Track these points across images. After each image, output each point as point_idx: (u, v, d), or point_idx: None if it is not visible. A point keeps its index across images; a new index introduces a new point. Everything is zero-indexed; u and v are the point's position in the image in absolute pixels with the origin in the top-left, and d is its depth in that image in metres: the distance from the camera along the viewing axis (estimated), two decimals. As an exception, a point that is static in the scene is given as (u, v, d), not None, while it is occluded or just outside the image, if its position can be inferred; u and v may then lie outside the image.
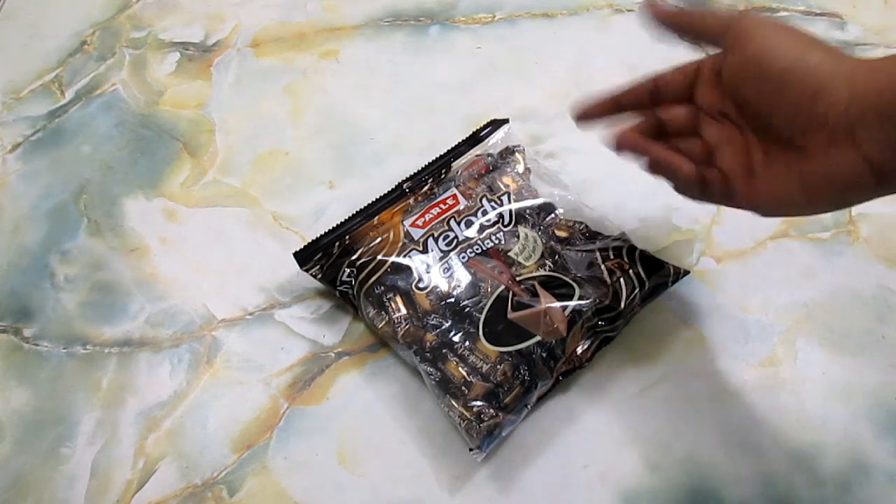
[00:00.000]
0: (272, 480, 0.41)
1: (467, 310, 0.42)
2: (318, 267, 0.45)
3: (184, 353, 0.46)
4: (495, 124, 0.51)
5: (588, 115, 0.42)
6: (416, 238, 0.45)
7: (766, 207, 0.35)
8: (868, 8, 0.63)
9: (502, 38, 0.62)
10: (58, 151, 0.56)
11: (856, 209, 0.51)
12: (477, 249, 0.44)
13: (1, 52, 0.62)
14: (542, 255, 0.44)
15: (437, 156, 0.49)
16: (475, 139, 0.50)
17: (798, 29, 0.33)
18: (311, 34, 0.62)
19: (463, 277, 0.43)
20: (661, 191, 0.52)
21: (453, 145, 0.50)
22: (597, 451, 0.41)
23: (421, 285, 0.43)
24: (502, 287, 0.42)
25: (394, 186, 0.48)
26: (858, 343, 0.45)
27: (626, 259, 0.44)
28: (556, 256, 0.44)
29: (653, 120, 0.40)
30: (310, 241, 0.46)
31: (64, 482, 0.41)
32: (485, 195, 0.47)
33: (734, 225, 0.50)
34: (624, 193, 0.52)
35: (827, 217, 0.50)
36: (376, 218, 0.46)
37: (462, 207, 0.46)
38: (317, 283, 0.47)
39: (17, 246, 0.51)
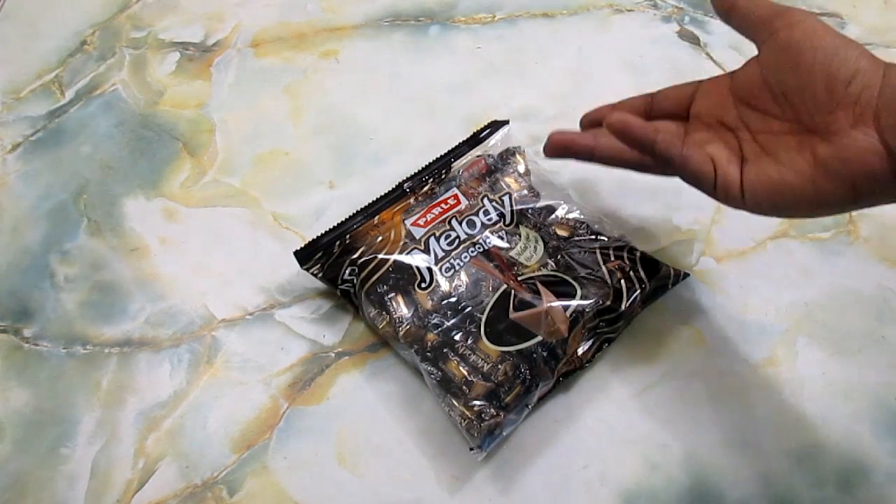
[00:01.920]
0: (272, 480, 0.41)
1: (469, 309, 0.42)
2: (318, 266, 0.45)
3: (184, 353, 0.46)
4: (495, 125, 0.51)
5: (589, 124, 0.43)
6: (417, 237, 0.45)
7: (758, 194, 0.34)
8: (868, 8, 0.63)
9: (502, 38, 0.62)
10: (58, 151, 0.56)
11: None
12: (479, 249, 0.44)
13: (1, 52, 0.62)
14: (544, 256, 0.44)
15: (438, 156, 0.49)
16: (475, 140, 0.50)
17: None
18: (311, 34, 0.62)
19: (464, 277, 0.43)
20: (661, 191, 0.52)
21: (454, 146, 0.50)
22: (597, 451, 0.41)
23: (423, 285, 0.43)
24: (504, 287, 0.42)
25: (394, 186, 0.48)
26: (858, 343, 0.45)
27: (626, 260, 0.44)
28: (558, 257, 0.44)
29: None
30: (310, 240, 0.46)
31: (64, 482, 0.41)
32: (486, 195, 0.47)
33: (734, 225, 0.50)
34: (624, 193, 0.52)
35: (827, 217, 0.50)
36: (377, 217, 0.46)
37: (463, 207, 0.46)
38: (317, 284, 0.47)
39: (17, 246, 0.51)
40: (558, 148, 0.42)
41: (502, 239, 0.45)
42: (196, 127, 0.57)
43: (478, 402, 0.39)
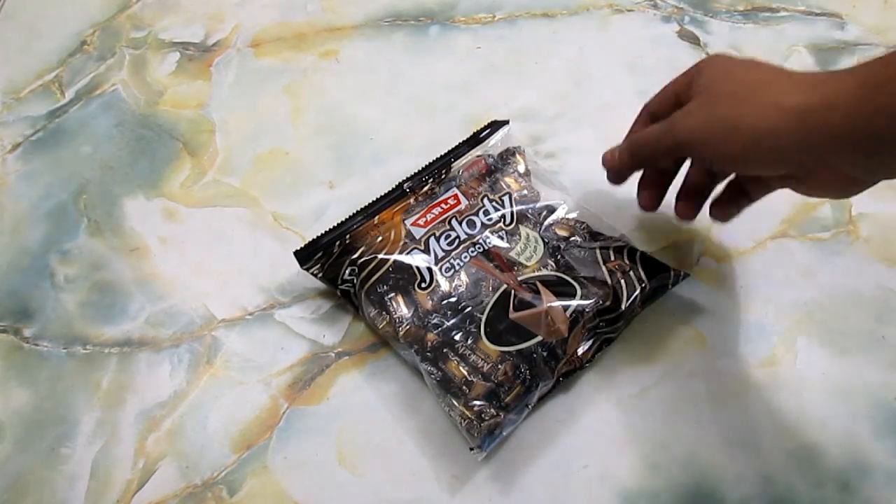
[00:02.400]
0: (272, 480, 0.41)
1: (469, 309, 0.42)
2: (318, 266, 0.45)
3: (184, 353, 0.46)
4: (495, 125, 0.51)
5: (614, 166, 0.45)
6: (417, 237, 0.45)
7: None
8: (868, 8, 0.63)
9: (502, 38, 0.62)
10: (58, 151, 0.56)
11: (856, 209, 0.51)
12: (479, 249, 0.44)
13: (1, 52, 0.62)
14: (544, 256, 0.44)
15: (438, 156, 0.49)
16: (475, 140, 0.50)
17: (728, 75, 0.36)
18: (311, 34, 0.62)
19: (464, 277, 0.43)
20: (661, 191, 0.52)
21: (453, 146, 0.50)
22: (597, 451, 0.41)
23: (423, 285, 0.43)
24: (504, 287, 0.42)
25: (394, 186, 0.48)
26: (858, 343, 0.45)
27: (626, 260, 0.44)
28: (558, 256, 0.44)
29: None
30: (310, 240, 0.46)
31: (64, 482, 0.41)
32: (486, 195, 0.47)
33: (734, 225, 0.50)
34: (624, 193, 0.51)
35: (827, 217, 0.50)
36: (377, 217, 0.46)
37: (463, 207, 0.46)
38: (317, 284, 0.47)
39: (17, 246, 0.51)
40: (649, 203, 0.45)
41: (502, 239, 0.45)
42: (196, 127, 0.57)
43: (478, 402, 0.39)
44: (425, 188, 0.48)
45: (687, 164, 0.44)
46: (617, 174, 0.44)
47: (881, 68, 0.30)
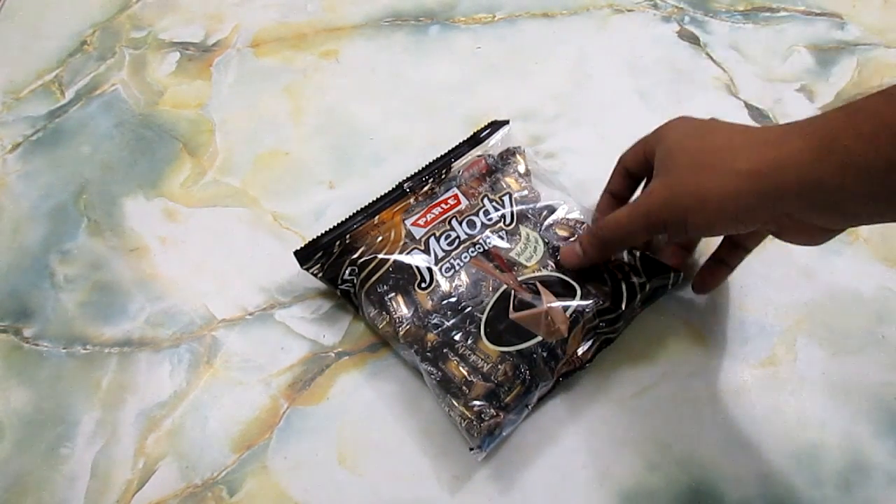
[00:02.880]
0: (272, 480, 0.41)
1: (468, 309, 0.42)
2: (318, 266, 0.45)
3: (184, 353, 0.46)
4: (495, 125, 0.51)
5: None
6: (417, 237, 0.45)
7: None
8: (868, 8, 0.63)
9: (502, 38, 0.62)
10: (58, 151, 0.56)
11: (856, 209, 0.51)
12: (479, 249, 0.44)
13: (1, 52, 0.62)
14: (544, 256, 0.44)
15: (438, 156, 0.49)
16: (475, 140, 0.50)
17: (684, 146, 0.37)
18: (311, 34, 0.62)
19: (464, 277, 0.43)
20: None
21: (454, 146, 0.50)
22: (597, 451, 0.41)
23: (423, 285, 0.43)
24: (504, 287, 0.42)
25: (394, 186, 0.48)
26: (858, 343, 0.45)
27: (626, 261, 0.44)
28: (558, 257, 0.44)
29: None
30: (310, 240, 0.46)
31: (64, 482, 0.41)
32: (486, 195, 0.47)
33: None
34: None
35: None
36: (377, 217, 0.46)
37: (464, 207, 0.46)
38: (317, 284, 0.47)
39: (17, 246, 0.51)
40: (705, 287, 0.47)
41: (502, 239, 0.45)
42: (196, 127, 0.57)
43: (478, 403, 0.39)
44: (425, 188, 0.48)
45: None
46: (584, 266, 0.43)
47: (830, 126, 0.31)
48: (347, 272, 0.44)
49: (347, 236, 0.46)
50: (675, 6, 0.63)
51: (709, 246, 0.47)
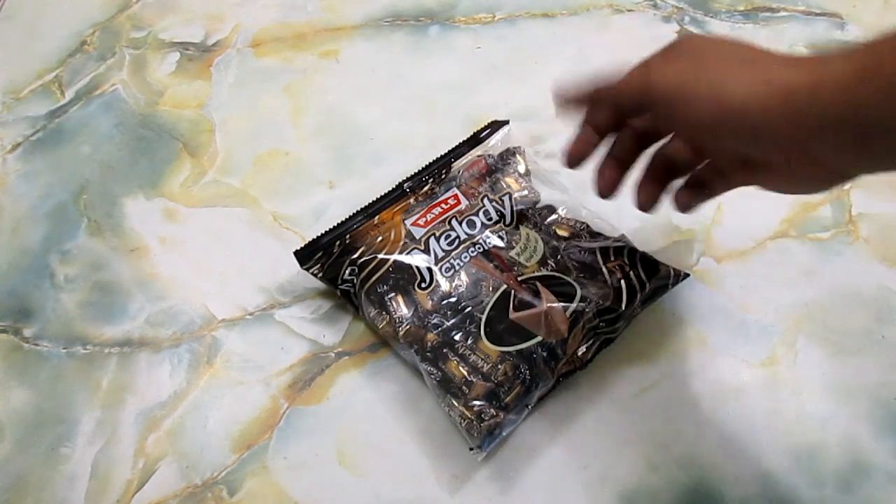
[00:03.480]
0: (272, 480, 0.41)
1: (468, 309, 0.42)
2: (318, 266, 0.45)
3: (184, 353, 0.46)
4: (495, 125, 0.51)
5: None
6: (417, 237, 0.45)
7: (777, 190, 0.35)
8: (868, 8, 0.63)
9: (502, 38, 0.62)
10: (58, 151, 0.56)
11: (856, 209, 0.51)
12: (479, 249, 0.44)
13: (1, 52, 0.62)
14: (544, 256, 0.44)
15: (438, 156, 0.49)
16: (475, 140, 0.50)
17: (716, 47, 0.33)
18: (311, 34, 0.62)
19: (464, 277, 0.43)
20: (661, 191, 0.52)
21: (454, 146, 0.50)
22: (597, 451, 0.41)
23: (423, 285, 0.43)
24: (504, 287, 0.42)
25: (394, 186, 0.48)
26: (858, 343, 0.45)
27: (626, 261, 0.44)
28: (558, 257, 0.44)
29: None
30: (310, 239, 0.46)
31: (64, 482, 0.41)
32: (486, 195, 0.47)
33: (734, 225, 0.50)
34: (624, 193, 0.51)
35: (827, 217, 0.50)
36: (377, 217, 0.46)
37: (464, 207, 0.46)
38: (317, 284, 0.47)
39: (17, 246, 0.51)
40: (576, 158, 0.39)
41: (502, 239, 0.45)
42: (196, 127, 0.57)
43: (477, 403, 0.39)
44: (425, 188, 0.48)
45: (650, 150, 0.40)
46: (565, 106, 0.38)
47: (877, 52, 0.28)
48: (347, 272, 0.44)
49: (347, 236, 0.46)
50: (675, 6, 0.63)
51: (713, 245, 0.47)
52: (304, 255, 0.45)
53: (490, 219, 0.46)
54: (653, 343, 0.45)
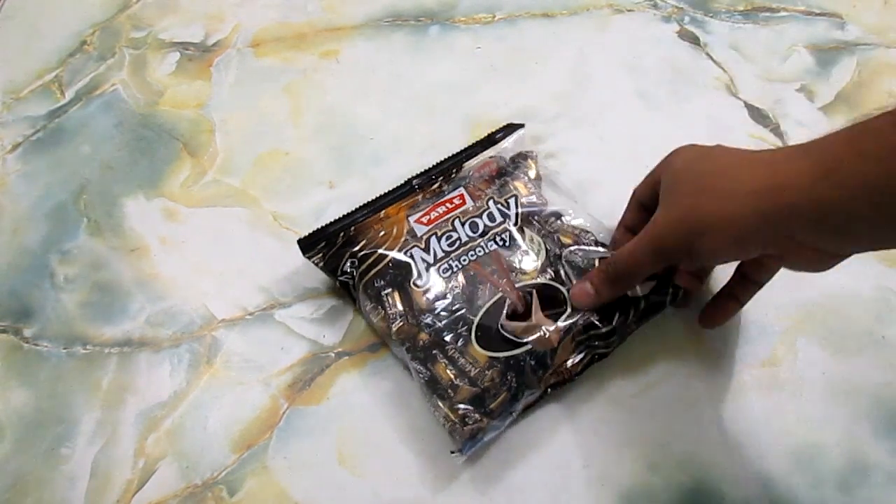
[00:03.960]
0: (272, 480, 0.41)
1: (462, 312, 0.42)
2: (320, 255, 0.45)
3: (184, 353, 0.46)
4: (510, 128, 0.51)
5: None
6: (419, 235, 0.45)
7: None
8: (868, 8, 0.63)
9: (502, 38, 0.62)
10: (58, 151, 0.56)
11: (856, 209, 0.51)
12: (478, 253, 0.44)
13: (1, 52, 0.62)
14: (544, 263, 0.44)
15: (450, 154, 0.49)
16: (490, 141, 0.50)
17: (689, 173, 0.37)
18: (311, 34, 0.62)
19: (461, 279, 0.43)
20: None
21: (467, 146, 0.50)
22: (596, 451, 0.41)
23: (419, 282, 0.43)
24: (499, 293, 0.42)
25: (404, 181, 0.48)
26: (858, 343, 0.45)
27: None
28: (558, 266, 0.44)
29: None
30: (315, 229, 0.46)
31: (64, 482, 0.41)
32: (492, 197, 0.47)
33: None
34: (624, 193, 0.51)
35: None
36: (383, 212, 0.46)
37: (469, 208, 0.46)
38: (317, 284, 0.47)
39: (17, 246, 0.51)
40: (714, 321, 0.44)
41: (504, 243, 0.45)
42: (196, 127, 0.57)
43: (462, 406, 0.39)
44: (434, 186, 0.48)
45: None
46: (597, 306, 0.42)
47: (833, 147, 0.30)
48: (348, 264, 0.44)
49: (352, 228, 0.46)
50: (675, 6, 0.63)
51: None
52: (308, 244, 0.45)
53: (494, 221, 0.46)
54: (653, 343, 0.45)
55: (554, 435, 0.42)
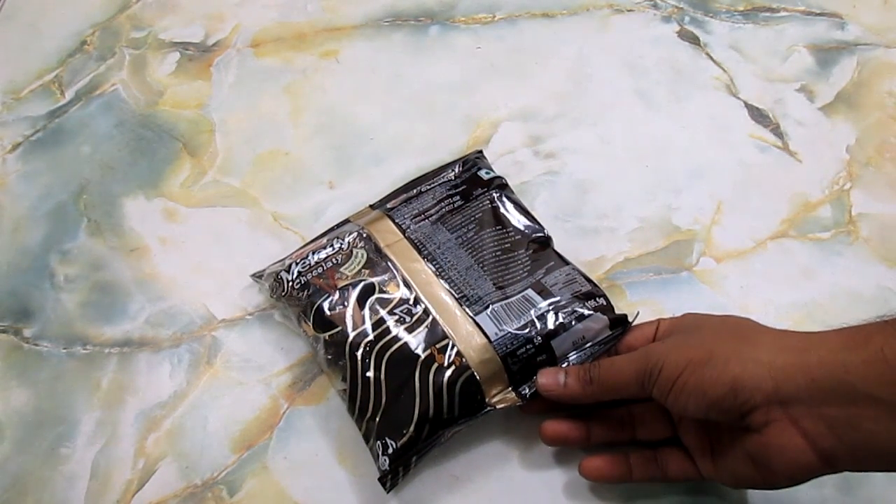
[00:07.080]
0: (272, 480, 0.41)
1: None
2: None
3: (184, 354, 0.46)
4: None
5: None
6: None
7: (730, 484, 0.37)
8: (868, 8, 0.63)
9: (502, 38, 0.62)
10: (58, 151, 0.56)
11: (856, 209, 0.51)
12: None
13: (1, 52, 0.62)
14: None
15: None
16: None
17: (709, 328, 0.36)
18: (311, 34, 0.62)
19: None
20: (660, 191, 0.52)
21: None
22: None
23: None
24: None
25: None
26: (858, 343, 0.45)
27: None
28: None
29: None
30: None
31: (64, 482, 0.41)
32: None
33: (734, 225, 0.50)
34: (624, 193, 0.52)
35: (827, 217, 0.51)
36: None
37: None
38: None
39: (17, 246, 0.51)
40: (554, 440, 0.40)
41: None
42: (196, 127, 0.57)
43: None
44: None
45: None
46: (562, 400, 0.39)
47: (866, 328, 0.32)
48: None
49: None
50: (675, 6, 0.63)
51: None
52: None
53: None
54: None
55: (554, 435, 0.42)
